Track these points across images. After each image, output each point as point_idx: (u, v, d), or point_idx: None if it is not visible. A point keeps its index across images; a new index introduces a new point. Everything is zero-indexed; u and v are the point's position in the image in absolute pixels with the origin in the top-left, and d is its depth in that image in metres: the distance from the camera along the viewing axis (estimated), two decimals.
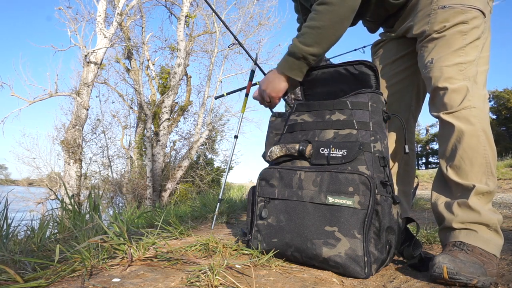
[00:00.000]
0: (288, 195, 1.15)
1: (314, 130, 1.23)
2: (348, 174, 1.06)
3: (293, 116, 1.31)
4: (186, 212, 2.89)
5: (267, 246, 1.17)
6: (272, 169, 1.21)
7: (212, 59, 9.92)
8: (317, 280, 0.99)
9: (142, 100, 8.92)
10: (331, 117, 1.21)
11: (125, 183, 9.08)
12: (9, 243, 1.25)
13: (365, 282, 1.00)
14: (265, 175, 1.23)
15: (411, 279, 1.03)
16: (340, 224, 1.03)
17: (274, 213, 1.17)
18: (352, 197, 1.03)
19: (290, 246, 1.11)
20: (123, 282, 0.88)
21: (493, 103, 27.26)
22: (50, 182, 9.46)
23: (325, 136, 1.20)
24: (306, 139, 1.22)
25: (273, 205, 1.18)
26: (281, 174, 1.19)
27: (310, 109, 1.28)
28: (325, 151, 1.14)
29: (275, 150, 1.22)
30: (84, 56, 6.95)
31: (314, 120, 1.25)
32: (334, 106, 1.22)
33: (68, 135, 6.79)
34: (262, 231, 1.19)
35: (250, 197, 1.27)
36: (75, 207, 1.61)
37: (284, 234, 1.13)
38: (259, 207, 1.22)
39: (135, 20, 9.20)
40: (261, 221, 1.20)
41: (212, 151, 10.85)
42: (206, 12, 9.80)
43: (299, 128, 1.27)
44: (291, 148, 1.20)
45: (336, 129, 1.18)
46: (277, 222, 1.16)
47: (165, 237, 1.44)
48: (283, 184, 1.18)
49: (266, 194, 1.21)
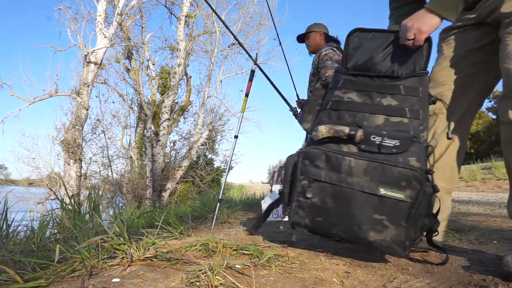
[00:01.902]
0: (336, 179, 1.14)
1: (363, 113, 1.19)
2: (401, 168, 1.07)
3: (338, 92, 1.24)
4: (186, 212, 2.89)
5: (310, 223, 1.20)
6: (318, 150, 1.17)
7: (212, 59, 9.91)
8: (317, 280, 0.99)
9: (142, 100, 8.91)
10: (381, 100, 1.18)
11: (125, 183, 9.08)
12: (9, 243, 1.25)
13: (365, 282, 1.00)
14: (310, 155, 1.18)
15: (411, 279, 1.03)
16: (390, 214, 1.09)
17: (319, 194, 1.17)
18: (404, 191, 1.07)
19: (336, 226, 1.16)
20: (123, 282, 0.88)
21: (493, 103, 27.25)
22: (50, 182, 9.46)
23: (374, 121, 1.17)
24: (354, 121, 1.18)
25: (318, 186, 1.17)
26: (328, 157, 1.16)
27: (359, 88, 1.22)
28: (376, 139, 1.13)
29: (322, 130, 1.18)
30: (84, 56, 6.94)
31: (363, 102, 1.20)
32: (386, 89, 1.18)
33: (68, 135, 6.79)
34: (305, 208, 1.20)
35: (289, 171, 1.24)
36: (75, 207, 1.60)
37: (330, 215, 1.16)
38: (302, 185, 1.20)
39: (135, 20, 9.20)
40: (304, 199, 1.19)
41: (212, 151, 10.85)
42: (206, 12, 9.80)
43: (346, 107, 1.21)
44: (339, 131, 1.16)
45: (387, 115, 1.16)
46: (323, 204, 1.17)
47: (165, 237, 1.44)
48: (330, 167, 1.15)
49: (311, 174, 1.18)
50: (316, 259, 1.26)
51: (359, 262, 1.23)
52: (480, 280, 1.02)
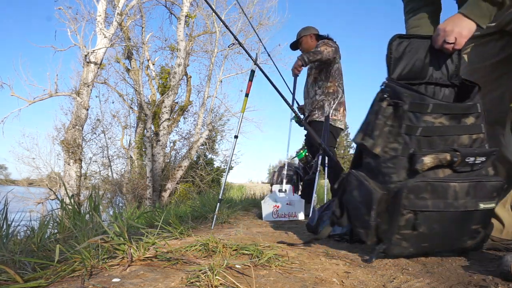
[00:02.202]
0: (444, 206, 1.18)
1: (453, 136, 1.23)
2: (494, 182, 1.20)
3: (428, 118, 1.22)
4: (186, 212, 2.89)
5: (415, 250, 1.24)
6: (423, 183, 1.18)
7: (212, 59, 9.91)
8: (317, 280, 0.99)
9: (142, 100, 8.91)
10: (465, 120, 1.23)
11: (125, 183, 9.08)
12: (9, 243, 1.25)
13: (365, 282, 1.00)
14: (415, 189, 1.18)
15: (411, 279, 1.03)
16: (483, 222, 1.23)
17: (427, 223, 1.19)
18: (494, 200, 1.21)
19: (438, 246, 1.23)
20: (123, 282, 0.88)
21: None
22: (50, 182, 9.46)
23: (462, 142, 1.23)
24: (447, 145, 1.21)
25: (424, 216, 1.19)
26: (435, 187, 1.18)
27: (448, 112, 1.23)
28: (470, 160, 1.19)
29: (427, 162, 1.18)
30: (84, 56, 6.94)
31: (451, 124, 1.23)
32: (470, 109, 1.23)
33: (68, 135, 6.79)
34: (410, 240, 1.21)
35: (373, 204, 1.22)
36: (75, 207, 1.60)
37: (435, 238, 1.22)
38: (406, 218, 1.19)
39: (135, 20, 9.20)
40: (410, 231, 1.20)
41: (212, 151, 10.85)
42: (206, 12, 9.80)
43: (438, 132, 1.22)
44: (442, 159, 1.19)
45: (470, 134, 1.23)
46: (429, 231, 1.20)
47: (165, 237, 1.44)
48: (436, 196, 1.18)
49: (417, 207, 1.18)
50: (316, 259, 1.26)
51: (359, 262, 1.23)
52: (480, 280, 1.02)
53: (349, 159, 47.99)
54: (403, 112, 1.22)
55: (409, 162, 1.20)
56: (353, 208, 1.33)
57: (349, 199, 1.35)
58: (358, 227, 1.30)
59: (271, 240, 1.66)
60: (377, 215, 1.23)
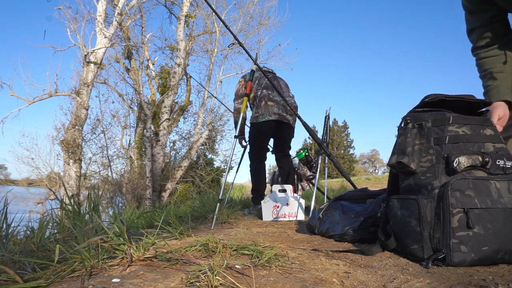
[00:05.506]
0: (491, 203, 1.20)
1: (478, 143, 1.31)
2: None
3: (452, 127, 1.32)
4: (186, 212, 2.89)
5: (476, 256, 1.17)
6: (464, 180, 1.21)
7: (212, 59, 9.91)
8: (317, 280, 0.99)
9: (142, 100, 8.91)
10: (484, 131, 1.33)
11: (124, 183, 9.08)
12: (9, 243, 1.25)
13: (365, 282, 1.00)
14: (459, 186, 1.21)
15: (411, 279, 1.03)
16: None
17: (479, 222, 1.18)
18: None
19: (501, 250, 1.18)
20: (122, 283, 0.88)
21: None
22: (49, 182, 9.46)
23: (488, 149, 1.31)
24: (475, 150, 1.29)
25: (475, 214, 1.18)
26: (475, 184, 1.22)
27: (468, 122, 1.34)
28: (500, 163, 1.27)
29: (463, 161, 1.24)
30: (84, 56, 6.94)
31: (473, 133, 1.32)
32: (486, 122, 1.36)
33: (67, 135, 6.79)
34: (467, 242, 1.17)
35: (432, 208, 1.24)
36: (74, 207, 1.60)
37: (493, 240, 1.18)
38: (458, 218, 1.18)
39: (135, 20, 9.20)
40: (464, 232, 1.18)
41: (212, 151, 10.85)
42: (206, 12, 9.80)
43: (464, 139, 1.31)
44: (475, 159, 1.25)
45: (493, 143, 1.32)
46: (485, 231, 1.18)
47: (165, 237, 1.44)
48: (480, 193, 1.20)
49: (466, 205, 1.18)
50: (316, 259, 1.26)
51: (359, 262, 1.23)
52: (480, 280, 1.01)
53: (349, 159, 47.63)
54: (428, 129, 1.34)
55: (446, 164, 1.26)
56: (401, 227, 1.32)
57: (395, 222, 1.36)
58: (411, 245, 1.27)
59: (271, 240, 1.66)
60: (428, 224, 1.23)
